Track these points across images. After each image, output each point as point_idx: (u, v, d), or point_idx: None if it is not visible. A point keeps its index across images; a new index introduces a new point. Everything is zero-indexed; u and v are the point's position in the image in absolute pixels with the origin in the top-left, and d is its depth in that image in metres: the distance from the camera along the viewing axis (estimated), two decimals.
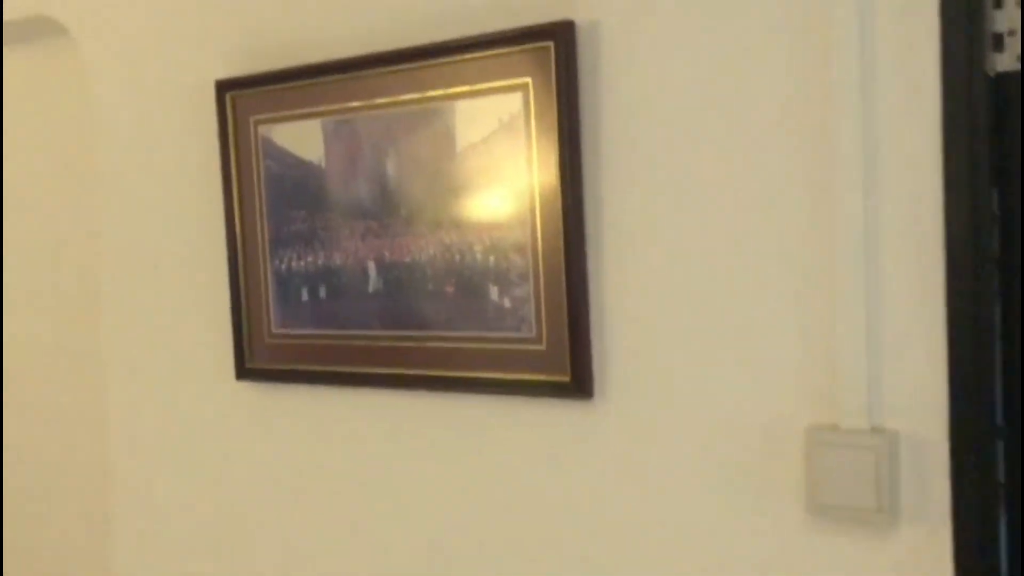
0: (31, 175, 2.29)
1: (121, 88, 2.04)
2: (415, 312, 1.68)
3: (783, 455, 1.38)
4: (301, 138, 1.79)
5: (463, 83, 1.59)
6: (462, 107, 1.59)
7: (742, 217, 1.39)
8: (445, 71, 1.60)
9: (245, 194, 1.87)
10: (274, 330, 1.86)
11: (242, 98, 1.85)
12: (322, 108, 1.76)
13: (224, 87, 1.86)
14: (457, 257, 1.63)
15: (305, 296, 1.82)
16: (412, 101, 1.65)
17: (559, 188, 1.50)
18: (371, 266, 1.73)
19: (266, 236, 1.85)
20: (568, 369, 1.52)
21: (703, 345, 1.43)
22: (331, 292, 1.78)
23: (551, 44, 1.49)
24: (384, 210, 1.70)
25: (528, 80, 1.52)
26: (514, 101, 1.54)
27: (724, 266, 1.41)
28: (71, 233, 2.20)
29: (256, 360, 1.89)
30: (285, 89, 1.80)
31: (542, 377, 1.55)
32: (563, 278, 1.51)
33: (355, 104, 1.72)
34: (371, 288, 1.73)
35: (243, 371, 1.90)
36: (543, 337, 1.55)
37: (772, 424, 1.39)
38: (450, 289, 1.64)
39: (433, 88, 1.62)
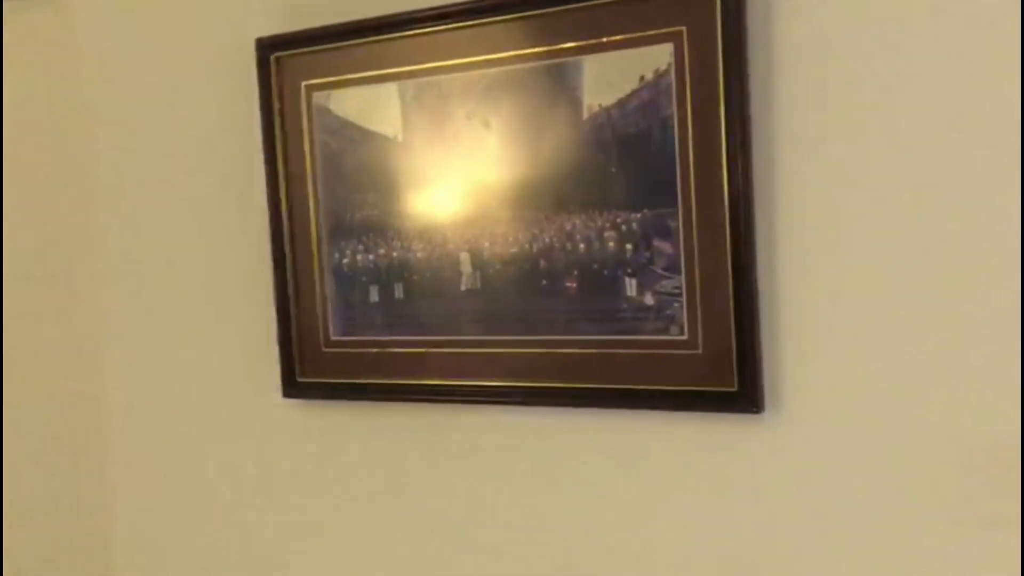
0: (17, 163, 1.90)
1: (127, 50, 1.70)
2: (523, 313, 1.40)
3: (1007, 478, 1.15)
4: (370, 107, 1.49)
5: (592, 33, 1.31)
6: (592, 63, 1.32)
7: (951, 198, 1.15)
8: (566, 19, 1.33)
9: (294, 176, 1.56)
10: (333, 337, 1.56)
11: (291, 60, 1.54)
12: (398, 69, 1.46)
13: (268, 46, 1.54)
14: (582, 246, 1.35)
15: (375, 296, 1.51)
16: (521, 57, 1.36)
17: (723, 162, 1.24)
18: (465, 259, 1.44)
19: (322, 226, 1.54)
20: (733, 377, 1.26)
21: (901, 347, 1.19)
22: (411, 291, 1.48)
23: None
24: (483, 191, 1.41)
25: (682, 29, 1.26)
26: (662, 55, 1.27)
27: (924, 253, 1.17)
28: (64, 229, 1.83)
29: (309, 373, 1.58)
30: (346, 48, 1.49)
31: (699, 387, 1.29)
32: (727, 269, 1.25)
33: (444, 63, 1.42)
34: (464, 285, 1.44)
35: (293, 386, 1.59)
36: (699, 339, 1.29)
37: (996, 440, 1.15)
38: (572, 284, 1.37)
39: (551, 40, 1.34)
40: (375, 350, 1.52)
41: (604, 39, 1.31)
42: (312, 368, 1.57)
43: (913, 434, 1.19)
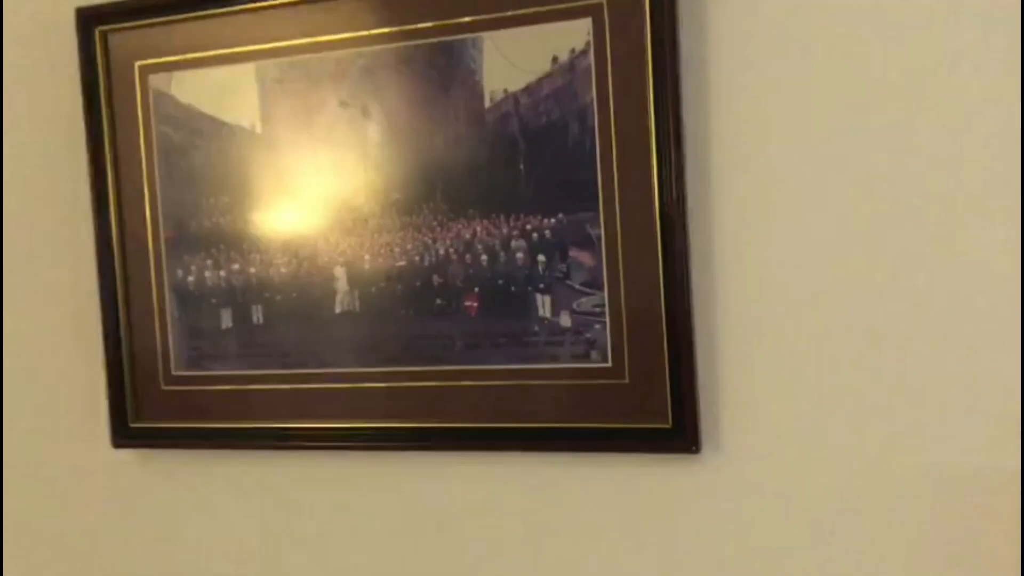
0: None
1: None
2: (412, 339, 1.17)
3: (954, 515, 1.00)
4: (220, 92, 1.23)
5: (494, 4, 1.10)
6: (494, 41, 1.11)
7: (904, 214, 1.00)
8: None
9: (126, 175, 1.28)
10: (175, 372, 1.28)
11: (120, 35, 1.26)
12: (256, 47, 1.21)
13: (91, 18, 1.26)
14: (484, 258, 1.13)
15: (228, 321, 1.25)
16: (407, 33, 1.14)
17: (653, 158, 1.05)
18: (340, 275, 1.20)
19: (161, 235, 1.27)
20: (666, 411, 1.07)
21: (849, 377, 1.03)
22: (272, 315, 1.23)
23: None
24: (362, 194, 1.18)
25: (602, 2, 1.07)
26: (578, 31, 1.08)
27: (873, 270, 1.01)
28: None
29: (146, 416, 1.29)
30: (190, 21, 1.23)
31: (626, 424, 1.09)
32: (658, 284, 1.06)
33: (312, 39, 1.18)
34: (340, 307, 1.20)
35: (125, 433, 1.29)
36: (625, 367, 1.09)
37: (942, 476, 1.00)
38: (471, 304, 1.15)
39: (444, 14, 1.12)
40: (228, 387, 1.25)
41: (508, 12, 1.10)
42: (149, 410, 1.29)
43: (866, 473, 1.03)
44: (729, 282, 1.06)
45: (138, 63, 1.26)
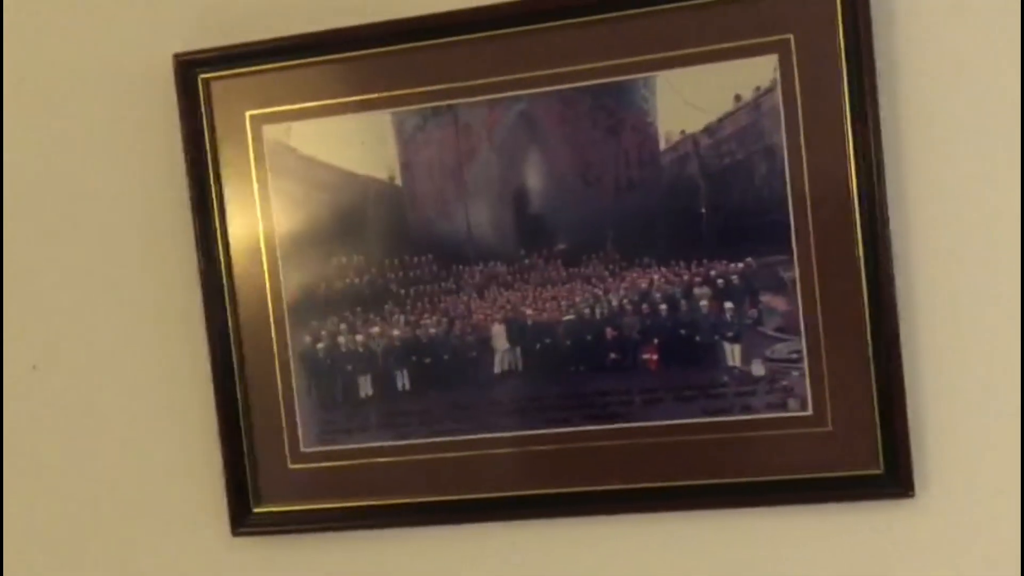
0: None
1: None
2: (584, 398, 1.10)
3: None
4: (350, 142, 1.14)
5: (668, 43, 1.06)
6: (668, 81, 1.06)
7: None
8: (632, 26, 1.06)
9: (240, 237, 1.16)
10: (304, 448, 1.16)
11: (226, 83, 1.15)
12: (391, 93, 1.12)
13: (191, 64, 1.15)
14: (664, 307, 1.08)
15: (368, 389, 1.15)
16: (574, 75, 1.08)
17: (853, 196, 1.02)
18: (499, 332, 1.12)
19: (283, 300, 1.16)
20: (877, 456, 1.03)
21: None
22: (421, 379, 1.13)
23: None
24: (521, 245, 1.10)
25: (789, 37, 1.03)
26: (763, 69, 1.04)
27: None
28: None
29: (270, 499, 1.17)
30: (309, 66, 1.13)
31: (832, 472, 1.05)
32: (862, 325, 1.03)
33: (459, 84, 1.11)
34: (500, 367, 1.12)
35: (246, 519, 1.17)
36: (827, 414, 1.05)
37: None
38: (651, 356, 1.08)
39: (611, 53, 1.07)
40: (368, 460, 1.15)
41: (684, 51, 1.05)
42: (274, 492, 1.17)
43: None
44: (935, 318, 1.03)
45: (249, 112, 1.15)
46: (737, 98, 1.05)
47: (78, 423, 1.22)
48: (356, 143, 1.13)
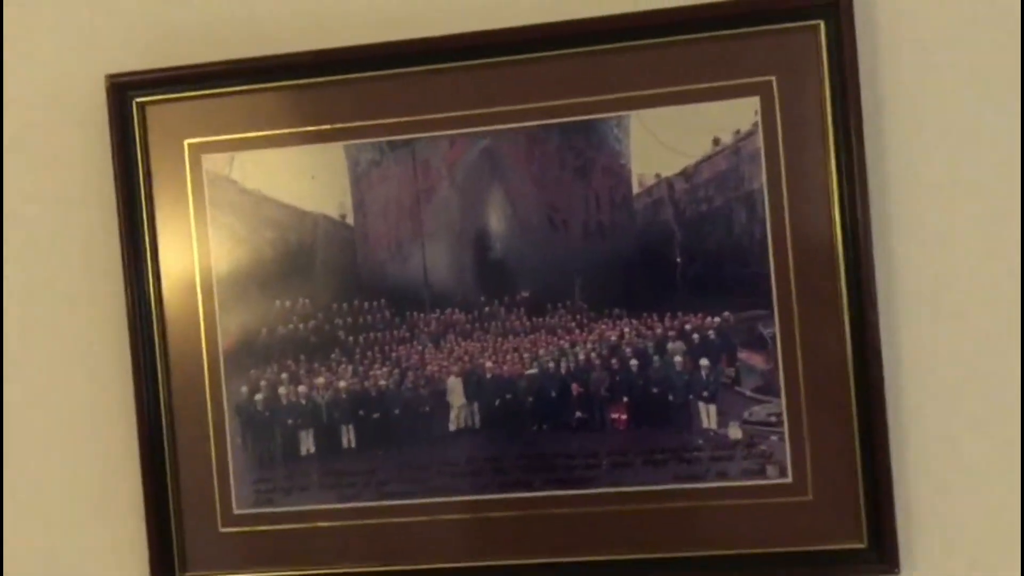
0: None
1: None
2: (546, 459, 1.01)
3: None
4: (299, 175, 1.05)
5: (641, 82, 0.99)
6: (642, 121, 0.99)
7: None
8: (604, 63, 0.99)
9: (172, 275, 1.06)
10: (237, 511, 1.06)
11: (162, 108, 1.06)
12: (344, 125, 1.04)
13: (124, 87, 1.06)
14: (634, 362, 1.00)
15: (309, 446, 1.05)
16: (537, 111, 1.01)
17: (833, 250, 0.96)
18: (455, 386, 1.03)
19: (219, 346, 1.06)
20: (861, 528, 0.96)
21: None
22: (368, 436, 1.04)
23: (820, 23, 0.96)
24: (481, 292, 1.02)
25: (771, 79, 0.97)
26: (743, 111, 0.98)
27: None
28: None
29: (198, 565, 1.06)
30: (255, 92, 1.05)
31: (811, 546, 0.97)
32: (847, 387, 0.96)
33: (418, 118, 1.03)
34: (455, 423, 1.03)
35: None
36: (807, 482, 0.97)
37: None
38: (619, 416, 1.00)
39: (581, 90, 1.00)
40: (308, 525, 1.05)
41: (660, 90, 0.99)
42: (203, 558, 1.06)
43: None
44: (925, 379, 0.97)
45: (188, 141, 1.06)
46: (716, 141, 0.98)
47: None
48: (305, 177, 1.04)
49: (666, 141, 0.99)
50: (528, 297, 1.01)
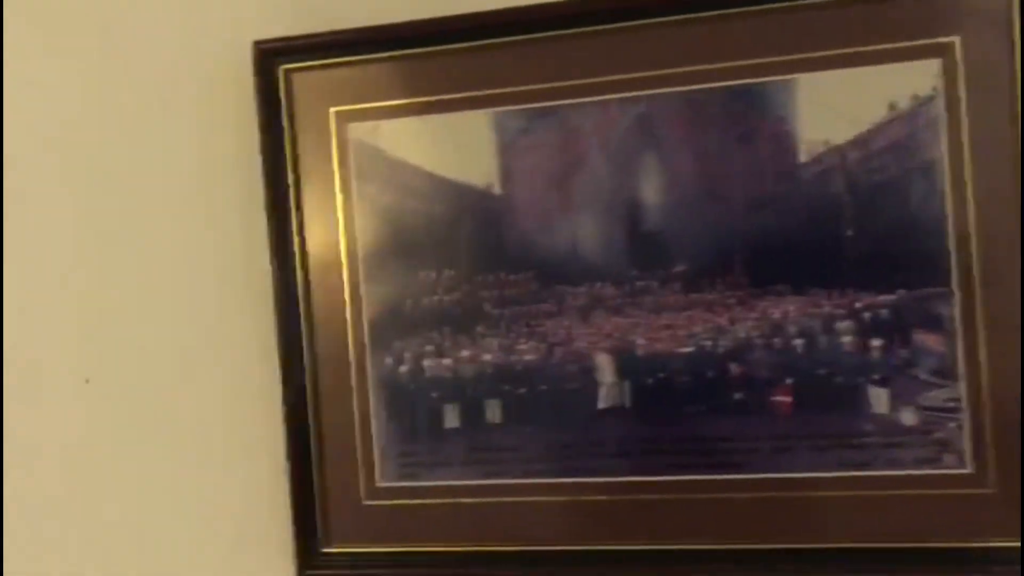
0: None
1: (51, 65, 1.14)
2: (702, 442, 0.96)
3: None
4: (444, 144, 1.02)
5: (811, 43, 0.93)
6: (810, 85, 0.93)
7: None
8: (770, 22, 0.93)
9: (316, 244, 1.05)
10: (381, 483, 1.04)
11: (309, 75, 1.04)
12: (491, 91, 1.01)
13: (271, 53, 1.04)
14: (799, 342, 0.94)
15: (454, 420, 1.03)
16: (699, 75, 0.95)
17: (1019, 224, 0.88)
18: (604, 363, 0.99)
19: (364, 317, 1.04)
20: None
21: None
22: (514, 412, 1.01)
23: None
24: (633, 266, 0.98)
25: (954, 40, 0.90)
26: (922, 75, 0.91)
27: None
28: None
29: (341, 539, 1.05)
30: (401, 59, 1.02)
31: (992, 542, 0.90)
32: None
33: (567, 83, 0.99)
34: (604, 402, 0.99)
35: (314, 560, 1.05)
36: (988, 473, 0.91)
37: None
38: (783, 399, 0.95)
39: (744, 52, 0.94)
40: (451, 500, 1.03)
41: (831, 52, 0.92)
42: (346, 531, 1.05)
43: None
44: None
45: (333, 109, 1.05)
46: (891, 107, 0.91)
47: (129, 440, 1.11)
48: (451, 146, 1.02)
49: (837, 107, 0.92)
50: (684, 271, 0.96)
